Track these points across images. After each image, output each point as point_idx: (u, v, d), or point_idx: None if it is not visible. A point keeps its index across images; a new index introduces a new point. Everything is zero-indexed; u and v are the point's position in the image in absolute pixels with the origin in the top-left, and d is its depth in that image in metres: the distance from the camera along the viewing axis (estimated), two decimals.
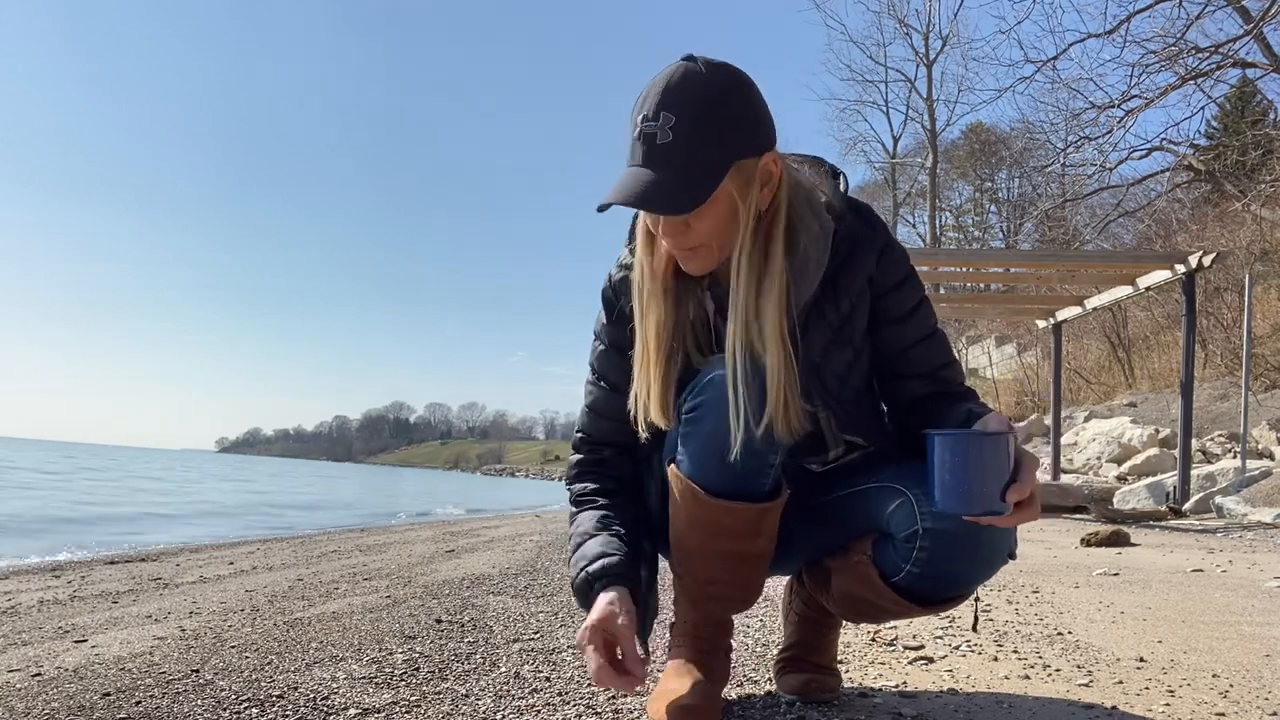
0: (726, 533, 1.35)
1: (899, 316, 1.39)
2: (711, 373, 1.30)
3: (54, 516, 9.60)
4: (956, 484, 1.14)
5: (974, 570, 1.31)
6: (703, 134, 1.21)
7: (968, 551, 1.28)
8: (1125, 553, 4.28)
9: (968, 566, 1.30)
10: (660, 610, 1.53)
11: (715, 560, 1.39)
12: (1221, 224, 15.06)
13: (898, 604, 1.35)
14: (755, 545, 1.37)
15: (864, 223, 1.38)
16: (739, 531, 1.35)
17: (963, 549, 1.27)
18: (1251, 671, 1.72)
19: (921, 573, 1.30)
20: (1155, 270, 8.18)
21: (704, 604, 1.45)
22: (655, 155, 1.21)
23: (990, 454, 1.14)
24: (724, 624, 1.50)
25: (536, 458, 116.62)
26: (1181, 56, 12.79)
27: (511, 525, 7.86)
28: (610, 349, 1.47)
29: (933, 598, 1.33)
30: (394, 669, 1.78)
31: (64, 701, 1.58)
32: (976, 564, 1.31)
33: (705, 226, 1.26)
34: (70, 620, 2.69)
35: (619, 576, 1.33)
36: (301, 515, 11.89)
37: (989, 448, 1.14)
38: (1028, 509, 1.16)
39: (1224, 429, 11.04)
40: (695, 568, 1.41)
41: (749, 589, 1.43)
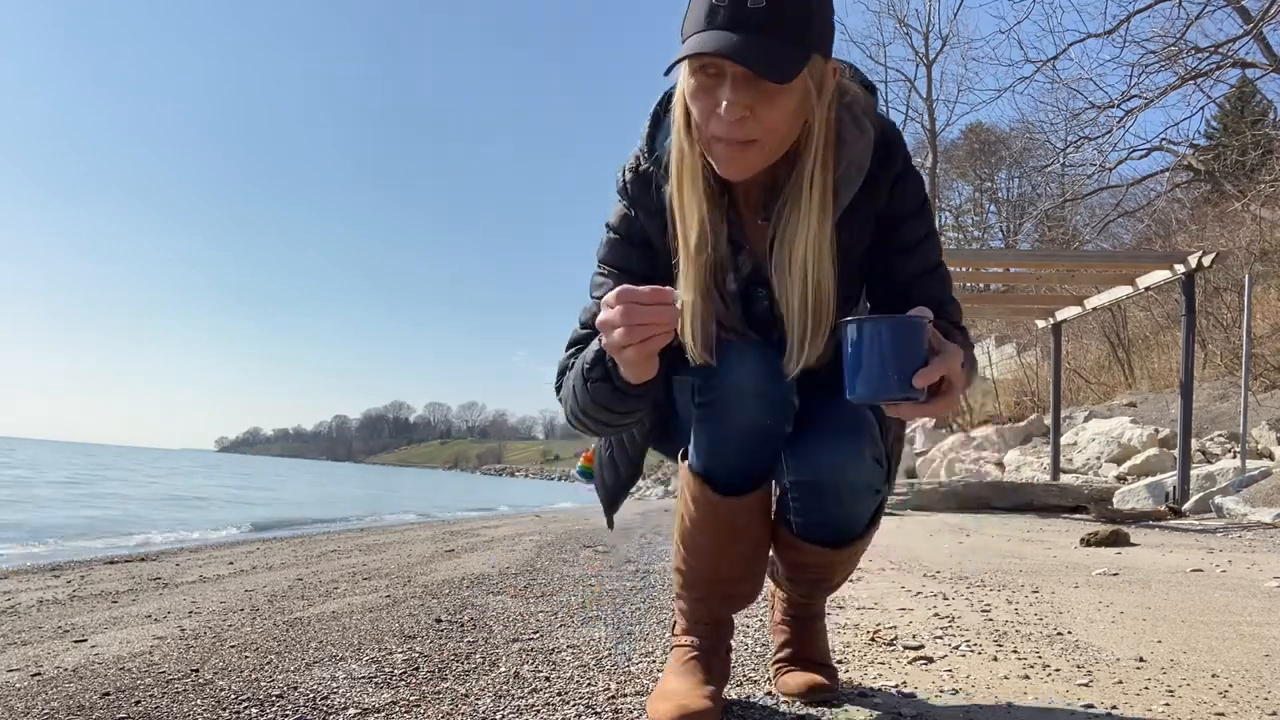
0: (741, 531, 1.38)
1: (906, 246, 1.35)
2: (726, 356, 1.27)
3: (53, 516, 9.60)
4: (864, 371, 1.12)
5: (848, 511, 1.37)
6: (796, 7, 1.13)
7: (833, 496, 1.34)
8: (1125, 553, 4.28)
9: (839, 509, 1.36)
10: (660, 610, 1.53)
11: (725, 560, 1.41)
12: (1221, 224, 15.07)
13: (815, 552, 1.41)
14: (763, 536, 1.41)
15: (888, 145, 1.32)
16: (751, 525, 1.38)
17: (828, 495, 1.34)
18: (1251, 671, 1.72)
19: (806, 520, 1.37)
20: (1155, 270, 8.18)
21: (709, 602, 1.46)
22: (743, 18, 1.11)
23: (898, 339, 1.11)
24: (725, 623, 1.51)
25: (536, 457, 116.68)
26: (1181, 56, 12.81)
27: (511, 525, 7.85)
28: (624, 241, 1.39)
29: (833, 539, 1.39)
30: (394, 669, 1.78)
31: (64, 701, 1.58)
32: (845, 506, 1.36)
33: (773, 116, 1.16)
34: (70, 620, 2.69)
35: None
36: (301, 515, 11.89)
37: (896, 332, 1.12)
38: (942, 398, 1.13)
39: (1224, 429, 11.04)
40: (704, 567, 1.42)
41: (755, 582, 1.46)
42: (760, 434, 1.32)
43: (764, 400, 1.29)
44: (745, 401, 1.29)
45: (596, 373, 1.23)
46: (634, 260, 1.38)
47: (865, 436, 1.33)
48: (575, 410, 1.32)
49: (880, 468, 1.36)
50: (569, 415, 1.36)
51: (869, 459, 1.33)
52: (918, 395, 1.11)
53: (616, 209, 1.41)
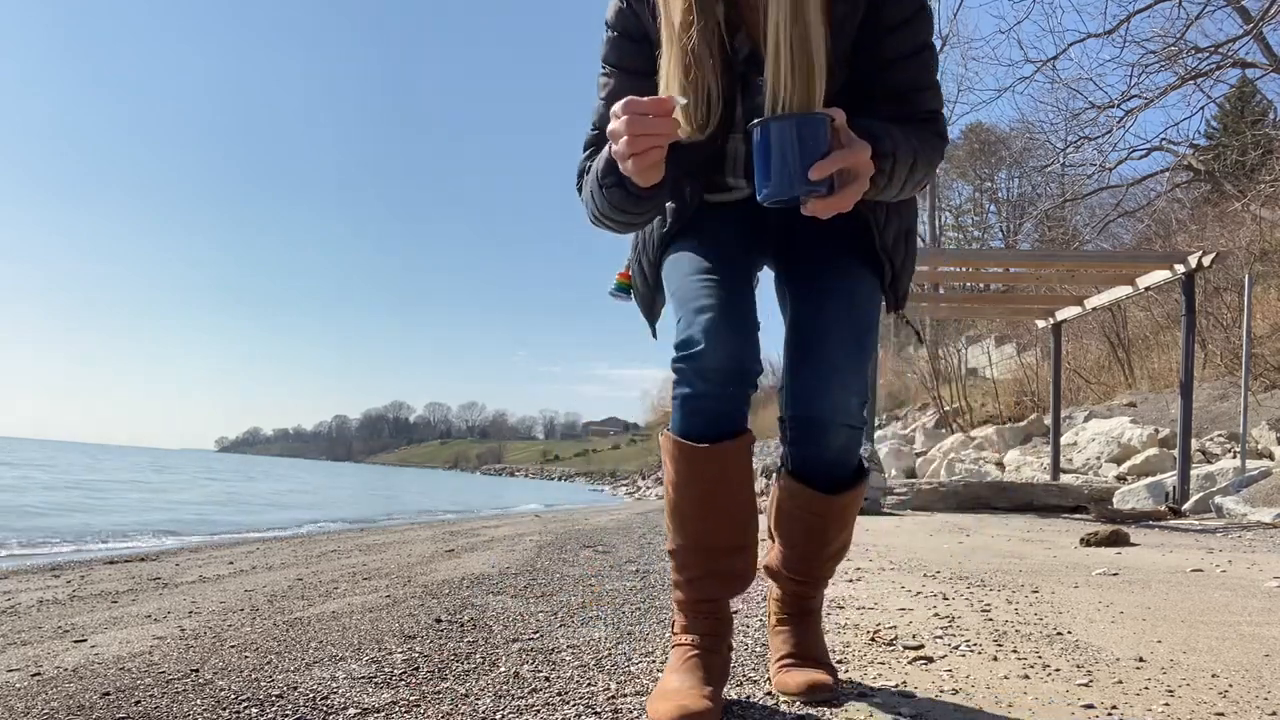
0: (724, 481, 1.44)
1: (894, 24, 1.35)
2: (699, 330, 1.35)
3: (53, 516, 9.60)
4: (769, 170, 1.17)
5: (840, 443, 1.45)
6: None
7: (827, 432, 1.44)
8: (1125, 553, 4.28)
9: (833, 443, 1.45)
10: (660, 610, 1.54)
11: (713, 521, 1.47)
12: (1221, 224, 15.06)
13: (810, 498, 1.49)
14: (748, 492, 1.48)
15: None
16: (733, 474, 1.45)
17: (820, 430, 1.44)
18: (1251, 671, 1.72)
19: (799, 452, 1.48)
20: (1155, 270, 8.18)
21: (704, 582, 1.48)
22: None
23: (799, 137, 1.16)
24: (724, 620, 1.51)
25: (536, 457, 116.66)
26: (1181, 56, 12.81)
27: (511, 525, 7.85)
28: (622, 38, 1.41)
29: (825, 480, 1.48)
30: (393, 669, 1.78)
31: (63, 701, 1.58)
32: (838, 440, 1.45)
33: None
34: (70, 620, 2.69)
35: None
36: (301, 515, 11.89)
37: (796, 130, 1.16)
38: (846, 189, 1.19)
39: (1224, 429, 11.04)
40: (694, 533, 1.47)
41: (747, 556, 1.50)
42: (729, 400, 1.42)
43: (732, 376, 1.39)
44: (714, 381, 1.38)
45: (610, 179, 1.30)
46: (634, 57, 1.40)
47: (857, 376, 1.43)
48: (595, 212, 1.40)
49: (864, 402, 1.46)
50: (591, 217, 1.43)
51: (856, 397, 1.44)
52: (819, 189, 1.17)
53: (612, 3, 1.43)
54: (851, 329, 1.44)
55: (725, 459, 1.43)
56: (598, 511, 12.44)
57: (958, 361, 22.29)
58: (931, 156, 1.37)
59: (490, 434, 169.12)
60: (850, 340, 1.43)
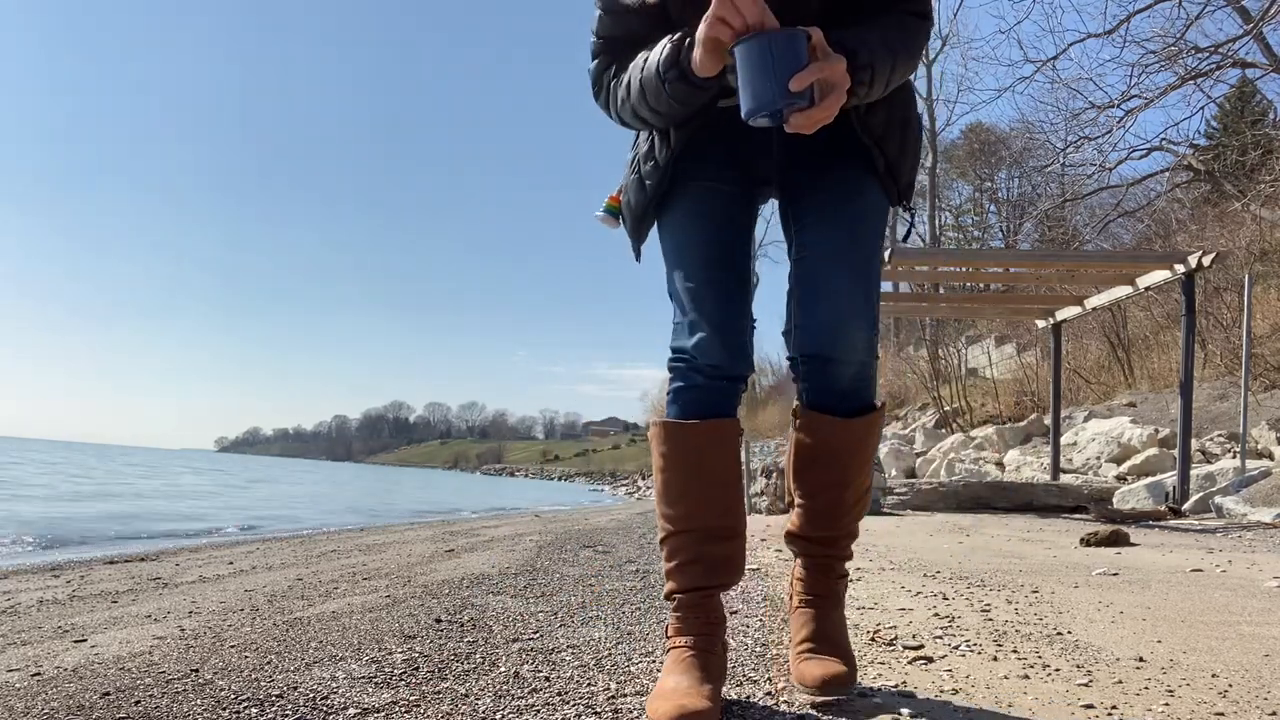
0: (710, 458, 1.51)
1: None
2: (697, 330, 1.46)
3: (53, 516, 9.61)
4: (750, 86, 1.23)
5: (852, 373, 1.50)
6: None
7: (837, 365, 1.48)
8: (1124, 553, 4.28)
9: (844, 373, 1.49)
10: (660, 610, 1.54)
11: (702, 501, 1.51)
12: (1221, 224, 15.06)
13: (826, 424, 1.52)
14: (734, 470, 1.53)
15: None
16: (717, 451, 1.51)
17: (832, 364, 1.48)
18: (1251, 671, 1.72)
19: (812, 385, 1.52)
20: (1155, 270, 8.18)
21: (695, 569, 1.50)
22: None
23: (776, 52, 1.21)
24: (718, 618, 1.52)
25: (536, 457, 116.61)
26: (1181, 56, 12.81)
27: (511, 525, 7.85)
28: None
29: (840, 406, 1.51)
30: (393, 669, 1.78)
31: (63, 701, 1.58)
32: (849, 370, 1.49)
33: None
34: (70, 620, 2.69)
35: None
36: (301, 514, 11.90)
37: (773, 46, 1.21)
38: (825, 100, 1.24)
39: (1223, 429, 11.04)
40: (682, 514, 1.52)
41: (737, 544, 1.53)
42: (719, 392, 1.51)
43: (725, 376, 1.50)
44: (707, 376, 1.50)
45: (672, 73, 1.37)
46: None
47: (864, 311, 1.47)
48: (635, 108, 1.46)
49: (873, 334, 1.50)
50: (628, 114, 1.49)
51: (864, 331, 1.48)
52: (799, 101, 1.22)
53: None
54: (855, 259, 1.47)
55: (712, 435, 1.51)
56: (598, 511, 12.44)
57: (958, 361, 22.28)
58: (912, 47, 1.41)
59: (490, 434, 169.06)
60: (854, 273, 1.47)
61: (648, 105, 1.44)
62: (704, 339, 1.48)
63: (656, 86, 1.39)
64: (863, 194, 1.51)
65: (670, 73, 1.37)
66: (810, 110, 1.24)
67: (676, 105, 1.41)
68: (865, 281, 1.48)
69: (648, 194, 1.57)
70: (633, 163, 1.61)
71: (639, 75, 1.43)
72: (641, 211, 1.59)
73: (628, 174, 1.63)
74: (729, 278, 1.51)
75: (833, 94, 1.25)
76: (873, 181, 1.52)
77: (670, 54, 1.36)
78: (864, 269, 1.49)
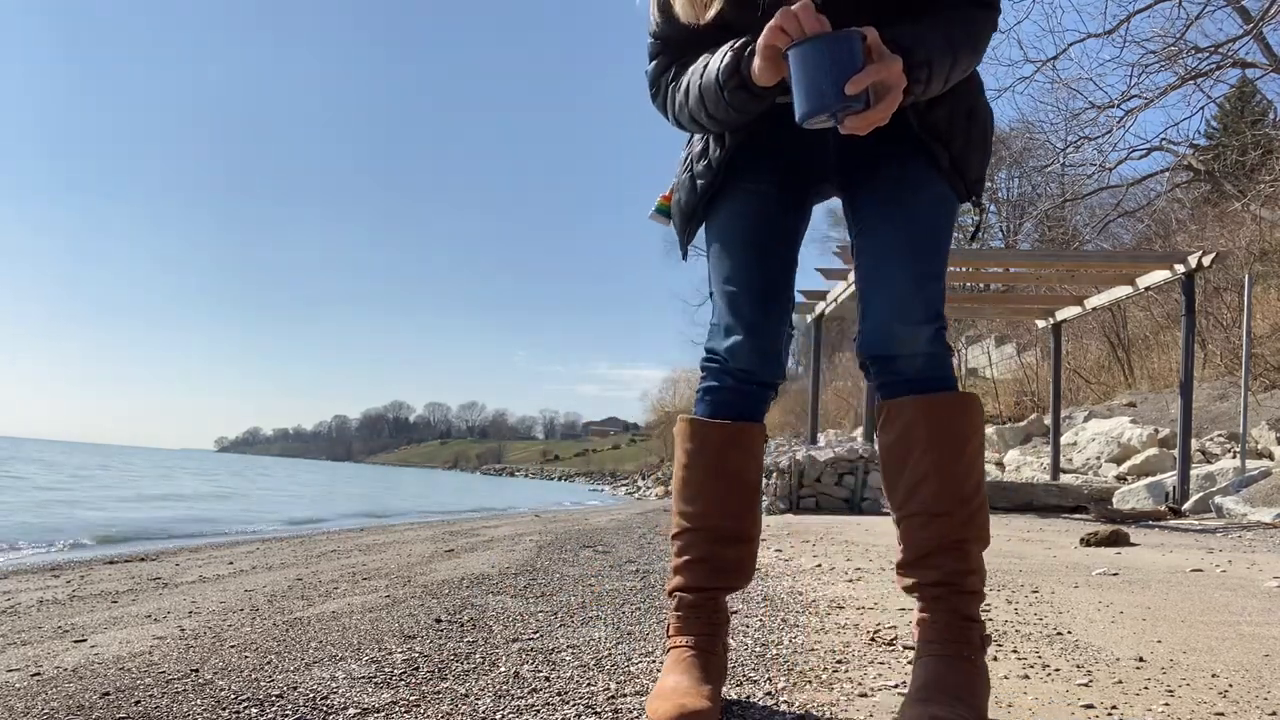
0: (730, 459, 1.51)
1: None
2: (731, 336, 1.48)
3: (53, 517, 9.61)
4: (804, 90, 1.22)
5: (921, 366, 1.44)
6: None
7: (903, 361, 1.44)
8: (1124, 553, 4.28)
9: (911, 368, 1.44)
10: (660, 610, 1.53)
11: (718, 499, 1.51)
12: (1221, 224, 15.06)
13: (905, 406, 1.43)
14: (753, 477, 1.54)
15: None
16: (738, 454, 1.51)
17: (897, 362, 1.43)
18: (1251, 671, 1.72)
19: (884, 381, 1.46)
20: (1155, 270, 8.18)
21: (704, 567, 1.50)
22: None
23: (830, 54, 1.20)
24: (720, 618, 1.52)
25: (536, 457, 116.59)
26: (1181, 56, 12.81)
27: (511, 525, 7.85)
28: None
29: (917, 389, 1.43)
30: (393, 669, 1.78)
31: (63, 701, 1.58)
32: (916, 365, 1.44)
33: None
34: (69, 620, 2.69)
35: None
36: (301, 514, 11.90)
37: (827, 48, 1.21)
38: (881, 103, 1.23)
39: (1223, 429, 11.04)
40: (698, 510, 1.51)
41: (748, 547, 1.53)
42: (748, 395, 1.53)
43: (755, 381, 1.52)
44: (738, 379, 1.52)
45: (733, 81, 1.37)
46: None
47: (923, 309, 1.42)
48: (693, 113, 1.46)
49: (937, 327, 1.43)
50: (686, 118, 1.49)
51: (926, 327, 1.42)
52: (855, 104, 1.21)
53: None
54: (913, 257, 1.43)
55: (735, 437, 1.52)
56: (598, 511, 12.44)
57: (958, 361, 22.27)
58: (975, 40, 1.38)
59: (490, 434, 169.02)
60: (911, 271, 1.42)
61: (706, 112, 1.43)
62: (737, 343, 1.49)
63: (716, 95, 1.40)
64: (924, 189, 1.47)
65: (731, 81, 1.37)
66: (865, 113, 1.23)
67: (735, 113, 1.41)
68: (925, 279, 1.43)
69: (698, 194, 1.57)
70: (685, 161, 1.61)
71: (698, 81, 1.43)
72: (690, 211, 1.59)
73: (679, 172, 1.63)
74: (767, 283, 1.51)
75: (888, 96, 1.24)
76: (936, 176, 1.47)
77: (731, 62, 1.36)
78: (923, 267, 1.43)
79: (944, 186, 1.47)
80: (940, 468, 1.39)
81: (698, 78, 1.43)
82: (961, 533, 1.39)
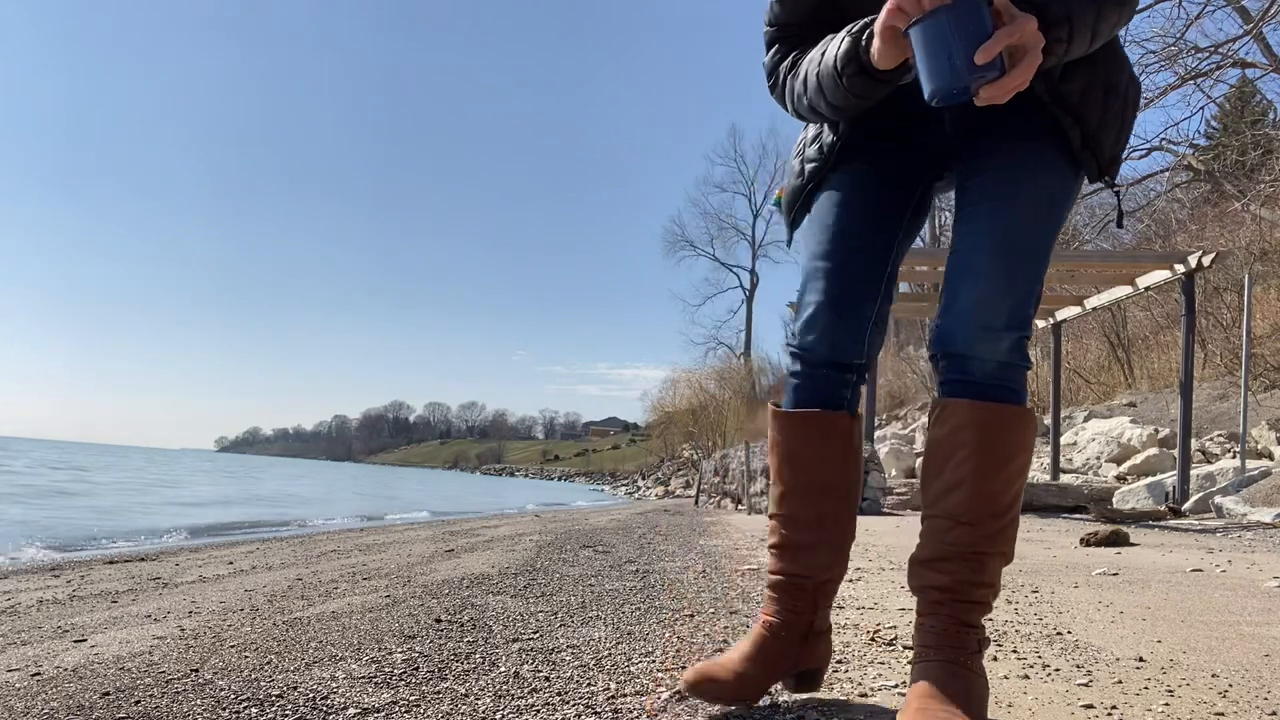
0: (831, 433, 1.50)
1: None
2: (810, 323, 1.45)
3: (54, 516, 9.61)
4: (931, 68, 1.15)
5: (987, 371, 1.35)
6: None
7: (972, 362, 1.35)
8: (1124, 552, 4.28)
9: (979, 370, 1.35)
10: (659, 610, 1.53)
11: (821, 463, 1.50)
12: (1221, 224, 15.06)
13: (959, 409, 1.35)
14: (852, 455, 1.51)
15: None
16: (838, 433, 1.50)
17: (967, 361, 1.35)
18: (1251, 671, 1.72)
19: (946, 379, 1.38)
20: (1155, 270, 8.19)
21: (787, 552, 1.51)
22: None
23: (955, 25, 1.12)
24: (802, 607, 1.50)
25: (536, 457, 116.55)
26: (1181, 56, 12.80)
27: (511, 525, 7.85)
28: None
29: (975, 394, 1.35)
30: (393, 668, 1.78)
31: (63, 701, 1.58)
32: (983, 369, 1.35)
33: None
34: (70, 620, 2.69)
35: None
36: (301, 514, 11.90)
37: (952, 19, 1.12)
38: (1018, 67, 1.14)
39: (1223, 429, 11.04)
40: (783, 494, 1.52)
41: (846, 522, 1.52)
42: (826, 382, 1.50)
43: (832, 366, 1.49)
44: (816, 365, 1.49)
45: (851, 68, 1.32)
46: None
47: (1003, 313, 1.33)
48: (813, 102, 1.43)
49: (1018, 335, 1.35)
50: (804, 107, 1.46)
51: (1005, 334, 1.34)
52: (988, 74, 1.13)
53: None
54: (1008, 257, 1.34)
55: (807, 425, 1.51)
56: (597, 511, 12.45)
57: None
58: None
59: (490, 434, 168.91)
60: (1002, 269, 1.33)
61: (825, 100, 1.39)
62: (808, 326, 1.47)
63: (834, 82, 1.35)
64: (1040, 176, 1.37)
65: (849, 67, 1.32)
66: (1001, 80, 1.14)
67: (856, 99, 1.36)
68: (1017, 282, 1.34)
69: (805, 177, 1.55)
70: (798, 146, 1.60)
71: (816, 70, 1.39)
72: (794, 197, 1.58)
73: (791, 159, 1.62)
74: (850, 265, 1.46)
75: (1025, 58, 1.14)
76: (1059, 158, 1.37)
77: (849, 47, 1.31)
78: (1018, 268, 1.34)
79: (1067, 172, 1.38)
80: (978, 477, 1.34)
81: (815, 66, 1.39)
82: (984, 545, 1.37)
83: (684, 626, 2.24)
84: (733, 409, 28.90)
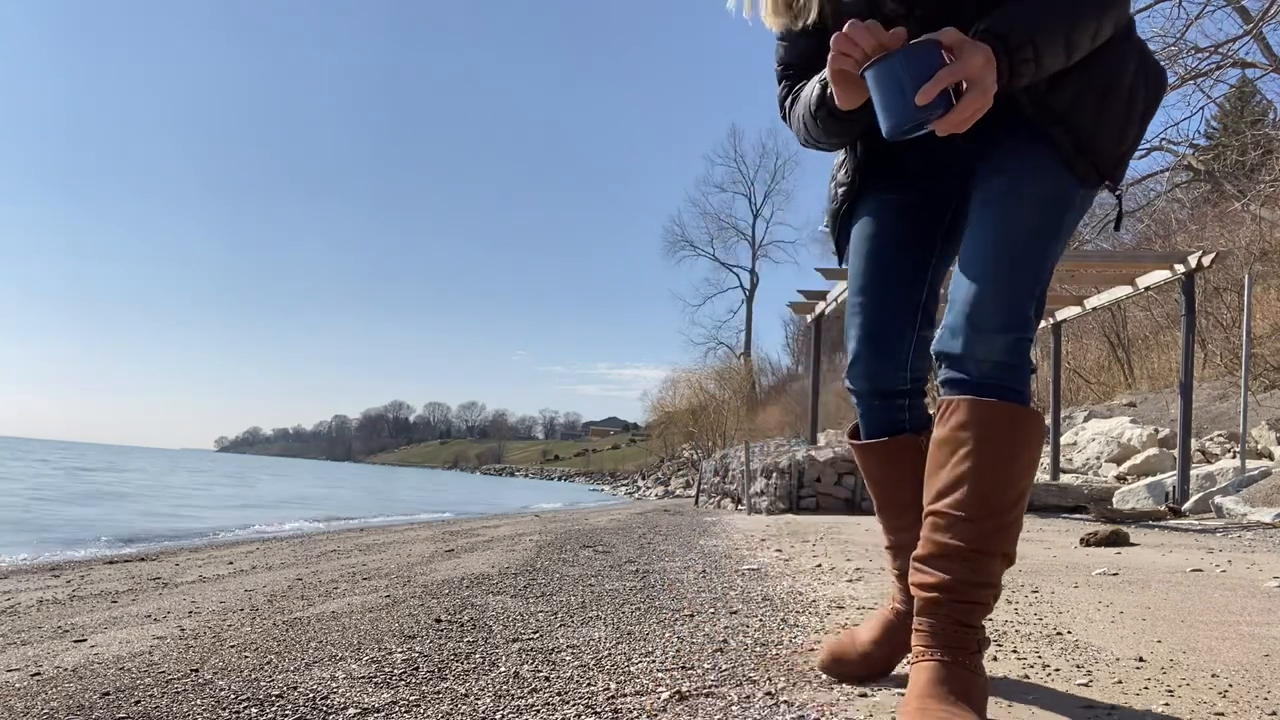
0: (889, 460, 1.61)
1: None
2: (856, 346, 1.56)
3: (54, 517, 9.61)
4: (886, 107, 1.23)
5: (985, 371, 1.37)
6: None
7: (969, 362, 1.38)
8: (1124, 552, 4.28)
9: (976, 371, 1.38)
10: (659, 610, 1.53)
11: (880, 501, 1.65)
12: (1221, 224, 15.07)
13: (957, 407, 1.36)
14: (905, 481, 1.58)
15: None
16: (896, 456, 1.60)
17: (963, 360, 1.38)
18: (1251, 671, 1.72)
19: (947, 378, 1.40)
20: (1155, 270, 8.19)
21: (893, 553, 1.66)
22: None
23: (906, 68, 1.20)
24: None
25: (536, 457, 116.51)
26: (1181, 56, 12.79)
27: (511, 525, 7.86)
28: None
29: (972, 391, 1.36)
30: (393, 668, 1.78)
31: (63, 701, 1.58)
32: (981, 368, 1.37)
33: None
34: (70, 620, 2.69)
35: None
36: (301, 514, 11.91)
37: (903, 62, 1.21)
38: (963, 101, 1.21)
39: (1223, 429, 11.05)
40: (878, 512, 1.66)
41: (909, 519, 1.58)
42: (879, 410, 1.61)
43: (876, 395, 1.59)
44: (863, 396, 1.61)
45: (822, 112, 1.44)
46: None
47: (1000, 316, 1.35)
48: (805, 138, 1.55)
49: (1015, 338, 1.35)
50: (802, 141, 1.57)
51: (1001, 335, 1.35)
52: (934, 111, 1.20)
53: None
54: (997, 263, 1.36)
55: (873, 455, 1.64)
56: (598, 511, 12.45)
57: None
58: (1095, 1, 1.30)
59: (490, 434, 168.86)
60: (995, 277, 1.35)
61: (812, 138, 1.52)
62: (852, 364, 1.59)
63: (812, 122, 1.48)
64: (1036, 179, 1.38)
65: (820, 110, 1.44)
66: (946, 116, 1.21)
67: (834, 138, 1.49)
68: (1009, 285, 1.35)
69: (838, 201, 1.63)
70: (832, 171, 1.67)
71: (799, 112, 1.51)
72: (832, 220, 1.66)
73: (829, 181, 1.69)
74: (883, 300, 1.56)
75: (972, 90, 1.21)
76: (1055, 165, 1.37)
77: (819, 92, 1.43)
78: (1012, 268, 1.36)
79: (1062, 178, 1.38)
80: (979, 474, 1.33)
81: (799, 108, 1.51)
82: (984, 544, 1.35)
83: (684, 626, 2.24)
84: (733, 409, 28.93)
